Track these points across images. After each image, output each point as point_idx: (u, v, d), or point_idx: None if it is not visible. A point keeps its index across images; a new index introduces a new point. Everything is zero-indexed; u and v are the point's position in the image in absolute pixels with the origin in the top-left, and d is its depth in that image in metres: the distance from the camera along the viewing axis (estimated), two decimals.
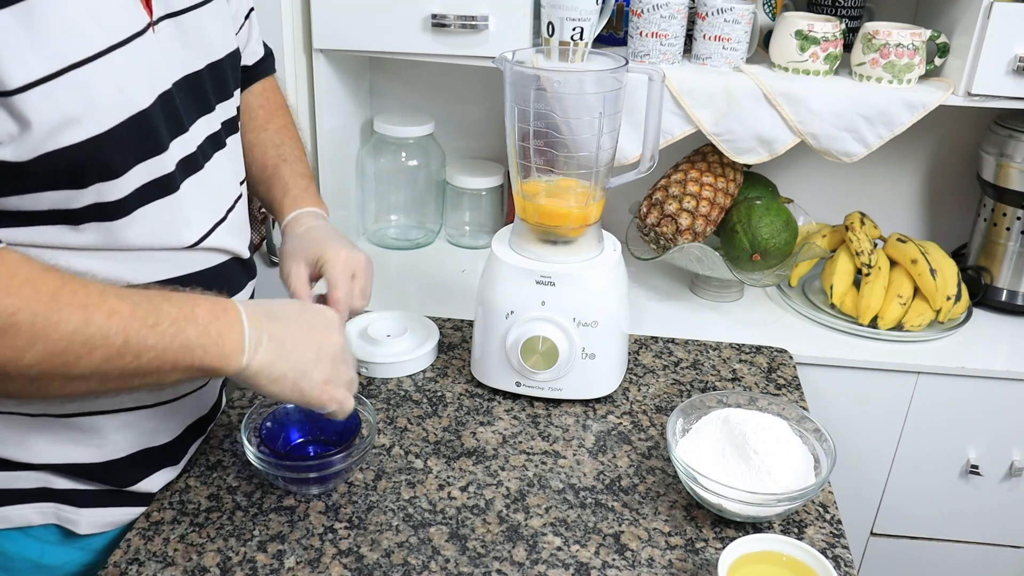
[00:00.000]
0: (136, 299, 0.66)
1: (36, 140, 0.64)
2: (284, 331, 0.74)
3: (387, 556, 0.82)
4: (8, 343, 0.61)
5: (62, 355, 0.63)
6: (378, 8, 1.24)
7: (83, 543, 0.85)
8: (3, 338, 0.60)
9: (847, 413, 1.26)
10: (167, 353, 0.67)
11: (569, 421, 1.03)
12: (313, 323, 0.78)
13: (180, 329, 0.67)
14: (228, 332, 0.70)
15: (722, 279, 1.35)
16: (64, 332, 0.62)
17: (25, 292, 0.61)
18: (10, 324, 0.60)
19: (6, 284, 0.61)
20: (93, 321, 0.63)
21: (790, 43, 1.25)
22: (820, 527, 0.88)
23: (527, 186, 1.03)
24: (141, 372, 0.67)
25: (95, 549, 0.86)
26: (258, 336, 0.72)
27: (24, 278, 0.62)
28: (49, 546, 0.83)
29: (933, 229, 1.58)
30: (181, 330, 0.67)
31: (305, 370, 0.75)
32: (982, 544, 1.37)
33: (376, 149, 1.49)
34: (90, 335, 0.63)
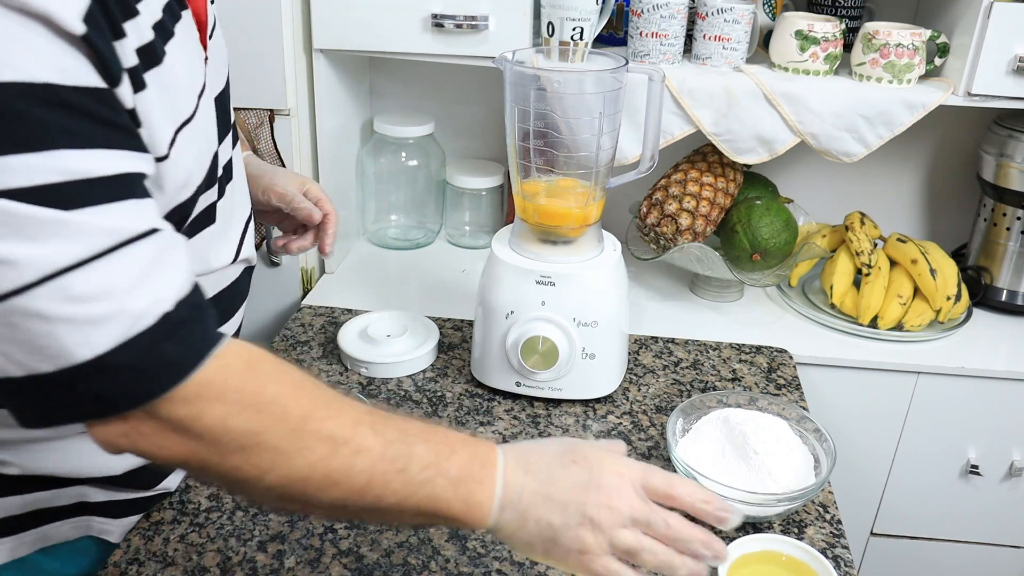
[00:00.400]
0: (390, 435, 0.62)
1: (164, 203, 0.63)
2: (539, 489, 0.64)
3: (387, 556, 0.82)
4: (252, 462, 0.58)
5: (301, 484, 0.59)
6: (378, 8, 1.24)
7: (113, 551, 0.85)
8: (247, 457, 0.57)
9: (847, 413, 1.26)
10: (410, 501, 0.62)
11: (569, 421, 1.03)
12: (578, 481, 0.65)
13: (429, 478, 0.62)
14: (478, 491, 0.63)
15: (722, 279, 1.35)
16: (307, 462, 0.58)
17: (276, 411, 0.58)
18: (254, 444, 0.57)
19: (256, 401, 0.58)
20: (339, 455, 0.59)
21: (790, 43, 1.25)
22: (820, 527, 0.88)
23: (527, 186, 1.03)
24: (379, 512, 0.62)
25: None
26: (509, 497, 0.64)
27: (277, 394, 0.59)
28: (84, 557, 0.83)
29: (933, 229, 1.58)
30: (430, 479, 0.62)
31: (554, 537, 0.64)
32: (982, 544, 1.37)
33: (376, 149, 1.49)
34: (332, 470, 0.59)
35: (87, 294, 0.51)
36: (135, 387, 0.54)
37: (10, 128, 0.48)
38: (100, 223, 0.52)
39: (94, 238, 0.52)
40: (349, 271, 1.44)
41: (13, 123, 0.48)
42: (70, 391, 0.53)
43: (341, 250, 1.47)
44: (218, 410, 0.56)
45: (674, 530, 0.64)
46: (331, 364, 1.13)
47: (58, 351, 0.51)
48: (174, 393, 0.55)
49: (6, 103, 0.48)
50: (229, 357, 0.58)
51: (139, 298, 0.54)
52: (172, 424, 0.56)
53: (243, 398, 0.57)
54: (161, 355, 0.54)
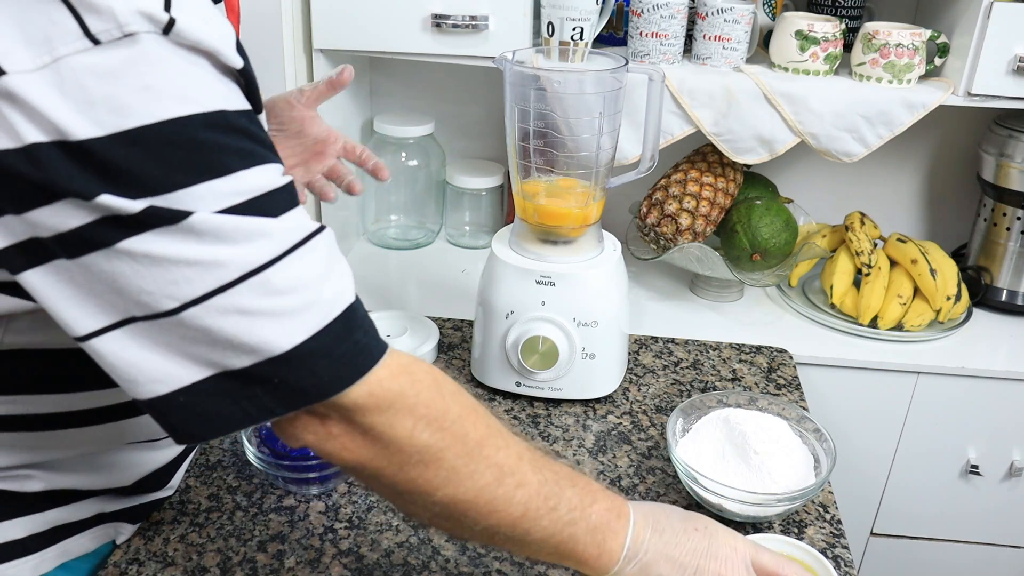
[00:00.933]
0: (546, 474, 0.66)
1: None
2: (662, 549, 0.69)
3: (387, 556, 0.82)
4: (428, 477, 0.61)
5: (465, 506, 0.62)
6: (378, 8, 1.24)
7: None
8: (424, 471, 0.60)
9: (847, 413, 1.26)
10: (553, 539, 0.66)
11: (569, 421, 1.03)
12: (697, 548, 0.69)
13: (573, 521, 0.66)
14: (611, 540, 0.67)
15: (722, 279, 1.35)
16: (475, 485, 0.62)
17: (456, 432, 0.61)
18: (434, 460, 0.60)
19: (441, 418, 0.61)
20: (503, 484, 0.63)
21: (790, 43, 1.25)
22: (820, 527, 0.88)
23: (527, 186, 1.03)
24: (523, 544, 0.66)
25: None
26: (635, 551, 0.69)
27: (458, 416, 0.62)
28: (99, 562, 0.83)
29: (933, 229, 1.58)
30: (573, 522, 0.66)
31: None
32: (982, 544, 1.37)
33: (376, 149, 1.49)
34: (495, 497, 0.63)
35: (285, 287, 0.54)
36: (332, 374, 0.56)
37: (196, 157, 0.51)
38: (287, 224, 0.55)
39: (285, 236, 0.55)
40: None
41: (197, 152, 0.51)
42: (265, 384, 0.55)
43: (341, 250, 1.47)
44: (408, 422, 0.59)
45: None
46: None
47: (257, 344, 0.54)
48: (368, 394, 0.58)
49: (189, 134, 0.51)
50: (419, 374, 0.61)
51: (328, 288, 0.57)
52: (363, 429, 0.59)
53: (430, 414, 0.60)
54: (354, 342, 0.57)
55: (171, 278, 0.52)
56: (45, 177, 0.49)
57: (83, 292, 0.52)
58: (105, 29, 0.48)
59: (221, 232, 0.52)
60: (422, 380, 0.61)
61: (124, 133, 0.49)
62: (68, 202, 0.49)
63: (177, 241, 0.51)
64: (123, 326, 0.53)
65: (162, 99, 0.50)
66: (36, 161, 0.48)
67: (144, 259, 0.51)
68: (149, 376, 0.54)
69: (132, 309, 0.53)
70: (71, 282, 0.52)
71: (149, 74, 0.49)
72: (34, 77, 0.47)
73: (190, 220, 0.51)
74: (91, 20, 0.48)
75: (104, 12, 0.48)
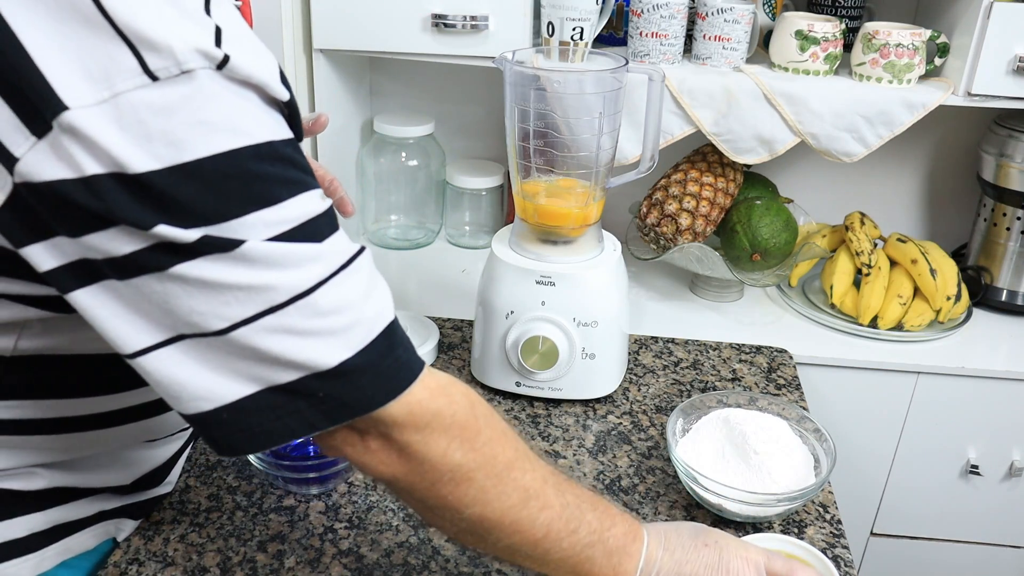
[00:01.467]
0: (568, 498, 0.68)
1: None
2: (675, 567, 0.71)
3: (387, 556, 0.82)
4: (457, 495, 0.63)
5: (491, 524, 0.64)
6: (378, 8, 1.24)
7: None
8: (455, 489, 0.63)
9: (847, 413, 1.26)
10: (571, 560, 0.68)
11: (569, 421, 1.03)
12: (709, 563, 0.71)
13: (591, 544, 0.68)
14: (626, 562, 0.70)
15: (722, 279, 1.35)
16: (502, 506, 0.64)
17: (488, 453, 0.64)
18: (465, 479, 0.62)
19: (474, 440, 0.63)
20: (528, 507, 0.65)
21: (790, 43, 1.25)
22: (820, 527, 0.88)
23: (527, 186, 1.03)
24: (543, 563, 0.68)
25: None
26: (647, 572, 0.70)
27: (489, 438, 0.64)
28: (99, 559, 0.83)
29: (933, 229, 1.58)
30: (591, 545, 0.68)
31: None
32: (982, 544, 1.37)
33: (376, 149, 1.49)
34: (520, 518, 0.65)
35: (332, 308, 0.56)
36: (374, 389, 0.58)
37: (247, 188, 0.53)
38: (331, 248, 0.57)
39: (330, 260, 0.57)
40: None
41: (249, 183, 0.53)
42: (310, 398, 0.57)
43: None
44: (443, 442, 0.61)
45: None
46: None
47: (304, 361, 0.56)
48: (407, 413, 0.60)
49: (240, 166, 0.52)
50: (456, 395, 0.63)
51: (370, 306, 0.59)
52: (400, 446, 0.61)
53: (464, 435, 0.62)
54: (395, 358, 0.60)
55: (222, 300, 0.53)
56: (103, 207, 0.50)
57: (133, 310, 0.54)
58: (164, 67, 0.49)
59: (271, 259, 0.54)
60: (458, 401, 0.63)
61: (180, 167, 0.50)
62: (123, 228, 0.51)
63: (229, 267, 0.53)
64: (172, 344, 0.55)
65: (216, 133, 0.51)
66: (95, 192, 0.50)
67: (196, 283, 0.53)
68: (194, 393, 0.56)
69: (182, 328, 0.54)
70: (121, 301, 0.54)
71: (204, 109, 0.51)
72: (94, 111, 0.49)
73: (242, 248, 0.52)
74: (150, 57, 0.49)
75: (163, 50, 0.49)
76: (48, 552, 0.77)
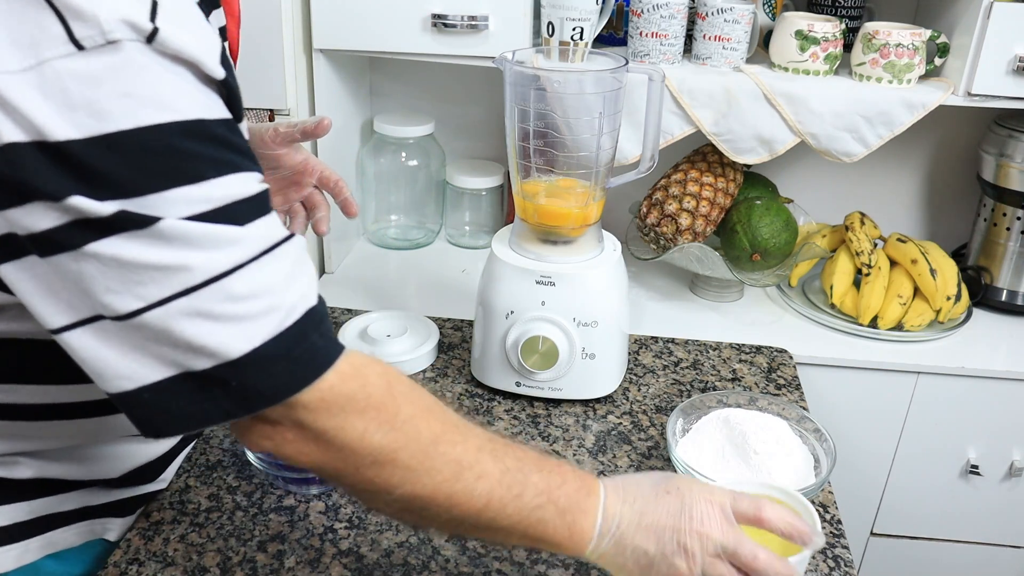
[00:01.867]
0: (508, 462, 0.66)
1: None
2: (636, 518, 0.68)
3: (387, 556, 0.82)
4: (383, 477, 0.62)
5: (425, 501, 0.63)
6: (378, 8, 1.24)
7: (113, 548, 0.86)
8: (380, 471, 0.62)
9: (847, 413, 1.26)
10: (520, 525, 0.66)
11: (569, 421, 1.03)
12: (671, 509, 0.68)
13: (540, 505, 0.66)
14: (582, 519, 0.67)
15: (722, 279, 1.35)
16: (433, 482, 0.63)
17: (409, 431, 0.62)
18: (390, 460, 0.61)
19: (392, 420, 0.62)
20: (462, 479, 0.64)
21: (790, 43, 1.25)
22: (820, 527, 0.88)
23: (527, 186, 1.03)
24: (491, 531, 0.67)
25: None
26: (608, 526, 0.68)
27: (410, 415, 0.63)
28: (90, 559, 0.83)
29: (933, 229, 1.58)
30: (541, 507, 0.66)
31: (650, 564, 0.68)
32: (982, 544, 1.37)
33: (376, 149, 1.49)
34: (455, 491, 0.64)
35: (247, 293, 0.55)
36: (287, 377, 0.58)
37: (170, 164, 0.52)
38: (255, 233, 0.56)
39: (251, 244, 0.56)
40: (349, 271, 1.44)
41: (172, 159, 0.52)
42: (224, 386, 0.56)
43: (341, 250, 1.47)
44: (359, 425, 0.60)
45: (761, 562, 0.67)
46: None
47: (216, 347, 0.55)
48: (319, 399, 0.59)
49: (165, 141, 0.52)
50: (371, 376, 0.62)
51: (290, 294, 0.58)
52: (315, 434, 0.60)
53: (381, 416, 0.61)
54: (310, 345, 0.59)
55: (137, 279, 0.53)
56: (19, 177, 0.50)
57: (53, 289, 0.54)
58: (89, 35, 0.49)
59: (189, 238, 0.53)
60: (374, 382, 0.62)
61: (102, 137, 0.50)
62: (40, 204, 0.51)
63: (145, 245, 0.52)
64: (90, 323, 0.54)
65: (142, 106, 0.51)
66: (12, 161, 0.49)
67: (111, 261, 0.52)
68: (116, 372, 0.55)
69: (98, 308, 0.54)
70: (42, 278, 0.54)
71: (131, 81, 0.50)
72: (18, 79, 0.49)
73: (159, 226, 0.52)
74: (76, 26, 0.49)
75: (89, 19, 0.49)
76: (31, 544, 0.77)
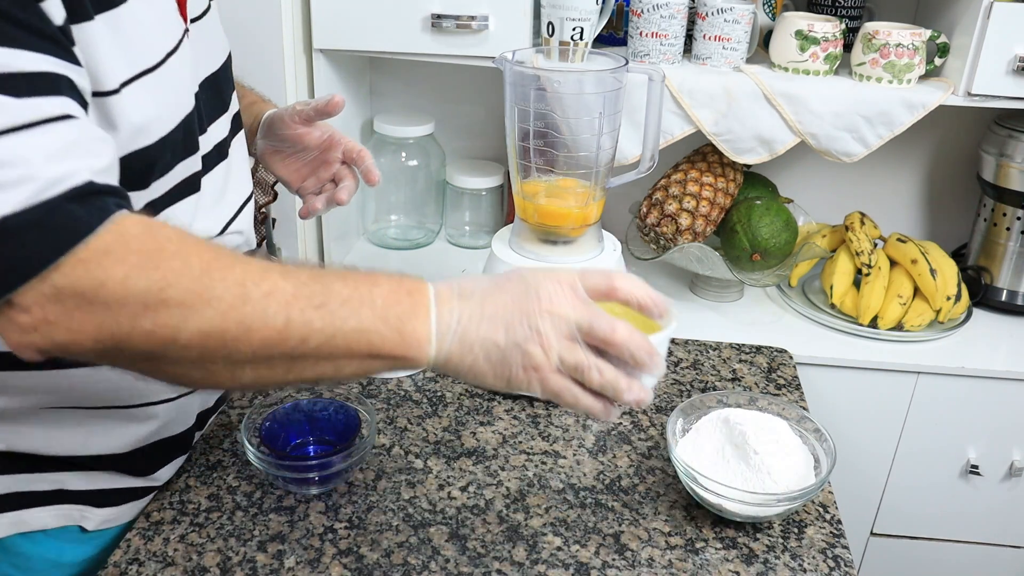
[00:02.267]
0: (304, 278, 0.60)
1: (120, 143, 0.65)
2: (477, 309, 0.63)
3: (387, 556, 0.82)
4: (161, 321, 0.56)
5: (219, 336, 0.58)
6: (378, 8, 1.24)
7: (97, 539, 0.86)
8: (155, 316, 0.56)
9: (847, 413, 1.26)
10: (337, 338, 0.60)
11: (569, 421, 1.03)
12: (515, 294, 0.64)
13: (353, 311, 0.60)
14: (410, 320, 0.61)
15: (722, 279, 1.35)
16: (216, 312, 0.57)
17: (175, 266, 0.57)
18: (159, 301, 0.56)
19: (154, 258, 0.57)
20: (249, 300, 0.58)
21: (790, 43, 1.25)
22: (820, 527, 0.88)
23: (527, 186, 1.03)
24: (311, 358, 0.60)
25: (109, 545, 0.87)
26: (447, 323, 0.62)
27: (174, 251, 0.58)
28: (66, 544, 0.83)
29: (933, 229, 1.58)
30: (354, 312, 0.60)
31: (503, 358, 0.63)
32: (982, 544, 1.37)
33: (376, 149, 1.49)
34: (245, 315, 0.58)
35: (3, 160, 0.53)
36: (39, 247, 0.54)
37: None
38: (24, 104, 0.54)
39: (17, 113, 0.54)
40: None
41: None
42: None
43: (341, 250, 1.47)
44: (118, 272, 0.56)
45: (620, 335, 0.63)
46: None
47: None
48: (74, 260, 0.55)
49: None
50: (127, 225, 0.58)
51: (53, 169, 0.55)
52: (76, 299, 0.56)
53: (141, 259, 0.57)
54: (66, 214, 0.55)
55: None
56: None
57: None
58: None
59: None
60: (129, 230, 0.57)
61: None
62: None
63: None
64: None
65: None
66: None
67: None
68: None
69: None
70: None
71: None
72: None
73: None
74: None
75: None
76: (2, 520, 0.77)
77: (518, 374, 0.63)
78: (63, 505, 0.82)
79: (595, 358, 0.64)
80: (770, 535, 0.87)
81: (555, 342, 0.63)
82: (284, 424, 0.93)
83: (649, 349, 0.64)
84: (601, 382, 0.64)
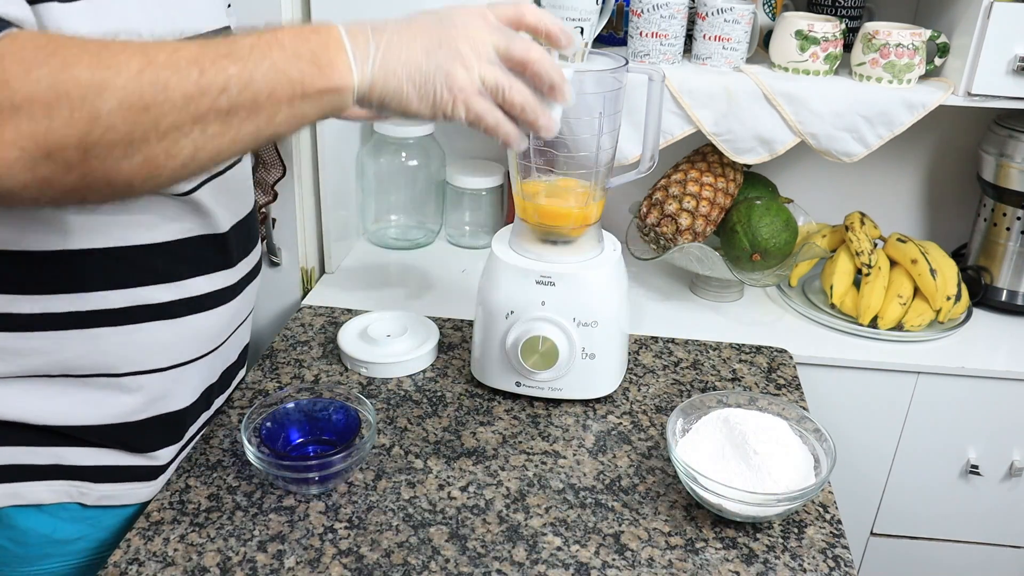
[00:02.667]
0: (201, 40, 0.60)
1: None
2: (395, 37, 0.63)
3: (387, 556, 0.82)
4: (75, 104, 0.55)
5: (138, 101, 0.56)
6: (378, 8, 1.24)
7: (94, 520, 0.86)
8: (68, 100, 0.54)
9: (847, 413, 1.26)
10: (257, 82, 0.59)
11: (569, 421, 1.03)
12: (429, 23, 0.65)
13: (263, 54, 0.60)
14: (324, 51, 0.62)
15: (722, 279, 1.35)
16: (128, 75, 0.56)
17: (73, 50, 0.56)
18: (66, 82, 0.54)
19: (50, 46, 0.55)
20: (156, 60, 0.56)
21: (790, 43, 1.25)
22: (820, 527, 0.88)
23: (527, 186, 1.03)
24: (238, 112, 0.59)
25: (106, 526, 0.87)
26: (364, 49, 0.63)
27: (68, 41, 0.57)
28: (62, 522, 0.84)
29: (933, 229, 1.58)
30: (264, 55, 0.60)
31: (426, 81, 0.64)
32: (982, 544, 1.37)
33: (376, 149, 1.49)
34: (158, 74, 0.56)
35: None
36: None
37: None
38: None
39: None
40: (349, 271, 1.44)
41: None
42: None
43: (341, 250, 1.47)
44: (18, 68, 0.54)
45: (535, 54, 0.65)
46: (331, 364, 1.13)
47: None
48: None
49: None
50: (21, 34, 0.57)
51: None
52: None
53: (38, 52, 0.55)
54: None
55: None
56: None
57: None
58: None
59: None
60: (22, 36, 0.56)
61: None
62: None
63: None
64: None
65: None
66: None
67: None
68: None
69: None
70: None
71: None
72: None
73: None
74: None
75: None
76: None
77: (443, 95, 0.65)
78: (60, 481, 0.82)
79: (514, 79, 0.66)
80: (770, 535, 0.87)
81: (475, 62, 0.64)
82: (284, 424, 0.93)
83: (562, 72, 0.67)
84: (522, 101, 0.67)
